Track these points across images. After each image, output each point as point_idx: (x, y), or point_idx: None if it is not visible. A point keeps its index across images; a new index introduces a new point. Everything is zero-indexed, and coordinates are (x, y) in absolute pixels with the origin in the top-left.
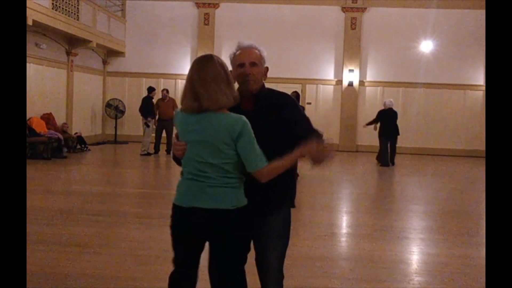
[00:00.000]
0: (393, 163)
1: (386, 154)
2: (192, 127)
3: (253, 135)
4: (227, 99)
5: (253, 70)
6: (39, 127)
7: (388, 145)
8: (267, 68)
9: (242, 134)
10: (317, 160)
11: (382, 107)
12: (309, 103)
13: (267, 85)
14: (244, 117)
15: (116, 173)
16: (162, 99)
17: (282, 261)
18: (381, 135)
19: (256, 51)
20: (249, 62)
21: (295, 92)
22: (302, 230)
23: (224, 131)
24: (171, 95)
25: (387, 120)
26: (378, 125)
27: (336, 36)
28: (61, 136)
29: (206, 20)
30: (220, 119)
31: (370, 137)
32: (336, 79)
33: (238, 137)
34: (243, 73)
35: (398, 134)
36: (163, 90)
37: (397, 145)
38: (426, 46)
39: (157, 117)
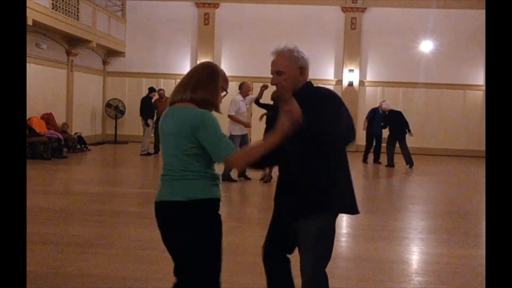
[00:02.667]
0: (411, 164)
1: (392, 155)
2: (164, 119)
3: (216, 129)
4: (185, 96)
5: (278, 79)
6: (39, 127)
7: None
8: (301, 69)
9: (201, 127)
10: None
11: (377, 107)
12: None
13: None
14: (205, 112)
15: (116, 173)
16: (160, 99)
17: (316, 270)
18: (388, 136)
19: (282, 59)
20: (274, 71)
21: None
22: None
23: (183, 124)
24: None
25: (391, 122)
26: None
27: (336, 36)
28: (61, 136)
29: (206, 20)
30: (182, 112)
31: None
32: (336, 79)
33: (198, 131)
34: (272, 83)
35: (405, 133)
36: (159, 90)
37: (397, 145)
38: (426, 46)
39: (155, 117)
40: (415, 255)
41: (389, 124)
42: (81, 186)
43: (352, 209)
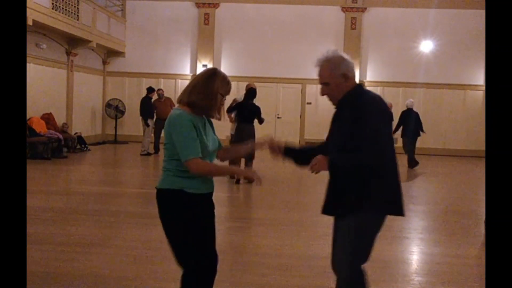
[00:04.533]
0: (411, 165)
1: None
2: None
3: (183, 131)
4: (182, 98)
5: (325, 90)
6: (39, 127)
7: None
8: (344, 76)
9: (172, 128)
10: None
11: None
12: (309, 103)
13: (267, 85)
14: (180, 114)
15: (116, 173)
16: (159, 99)
17: (350, 268)
18: (401, 135)
19: (324, 70)
20: (321, 83)
21: (250, 87)
22: (302, 230)
23: (167, 122)
24: (171, 95)
25: (406, 121)
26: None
27: (336, 36)
28: (61, 136)
29: (206, 20)
30: (172, 112)
31: None
32: None
33: (170, 130)
34: (321, 94)
35: (419, 135)
36: (158, 89)
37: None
38: (426, 46)
39: (155, 117)
40: (415, 255)
41: (403, 124)
42: (81, 186)
43: (395, 210)
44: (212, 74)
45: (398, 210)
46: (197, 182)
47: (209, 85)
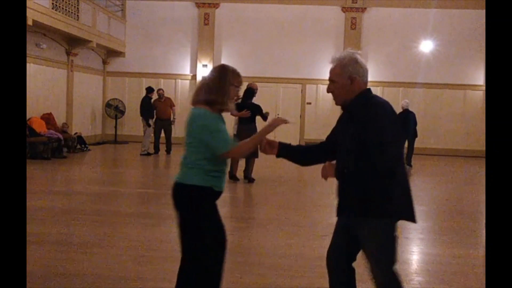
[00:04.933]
0: (409, 165)
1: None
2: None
3: (212, 127)
4: (198, 98)
5: (330, 88)
6: (39, 127)
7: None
8: (351, 78)
9: (199, 126)
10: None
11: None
12: (309, 103)
13: (267, 85)
14: (205, 112)
15: (116, 173)
16: (159, 99)
17: (384, 274)
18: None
19: (334, 67)
20: (329, 79)
21: (249, 87)
22: (302, 230)
23: (189, 122)
24: (171, 95)
25: (405, 122)
26: None
27: (336, 36)
28: (61, 136)
29: (206, 20)
30: (192, 111)
31: None
32: None
33: (197, 129)
34: (327, 91)
35: (417, 135)
36: (159, 90)
37: None
38: (426, 46)
39: (155, 117)
40: (415, 255)
41: (402, 125)
42: (81, 186)
43: (408, 217)
44: (223, 69)
45: (411, 215)
46: (221, 181)
47: (222, 81)
